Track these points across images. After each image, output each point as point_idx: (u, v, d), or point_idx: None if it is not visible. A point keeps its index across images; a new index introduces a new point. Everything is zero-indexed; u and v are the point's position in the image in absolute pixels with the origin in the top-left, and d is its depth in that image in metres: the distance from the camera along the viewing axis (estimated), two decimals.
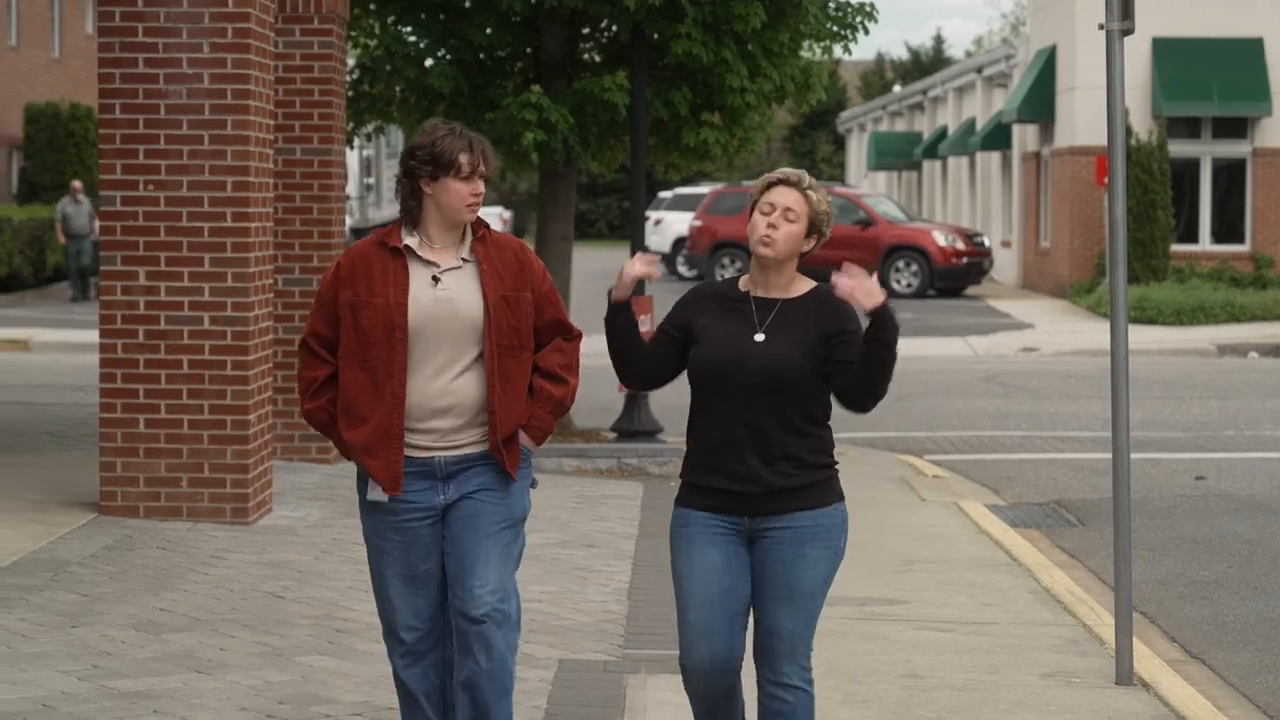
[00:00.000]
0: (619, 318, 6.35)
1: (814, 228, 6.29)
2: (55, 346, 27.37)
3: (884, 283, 40.13)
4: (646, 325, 16.86)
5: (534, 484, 6.76)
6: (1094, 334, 29.21)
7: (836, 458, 6.42)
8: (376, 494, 6.43)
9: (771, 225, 6.21)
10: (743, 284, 6.41)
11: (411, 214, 6.45)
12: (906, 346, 29.51)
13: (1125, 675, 8.83)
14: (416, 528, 6.51)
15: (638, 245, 17.37)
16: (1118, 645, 8.94)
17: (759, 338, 6.20)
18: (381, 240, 6.48)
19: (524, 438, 6.56)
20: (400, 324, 6.33)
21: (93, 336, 13.77)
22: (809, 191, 6.25)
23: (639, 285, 6.91)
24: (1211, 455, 17.18)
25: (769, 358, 6.16)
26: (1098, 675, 8.97)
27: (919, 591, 10.93)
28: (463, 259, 6.47)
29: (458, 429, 6.47)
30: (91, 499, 12.74)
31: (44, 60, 48.01)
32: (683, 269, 45.94)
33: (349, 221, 16.92)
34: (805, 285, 6.37)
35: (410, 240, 6.45)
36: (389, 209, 44.96)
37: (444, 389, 6.44)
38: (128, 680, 8.54)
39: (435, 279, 6.40)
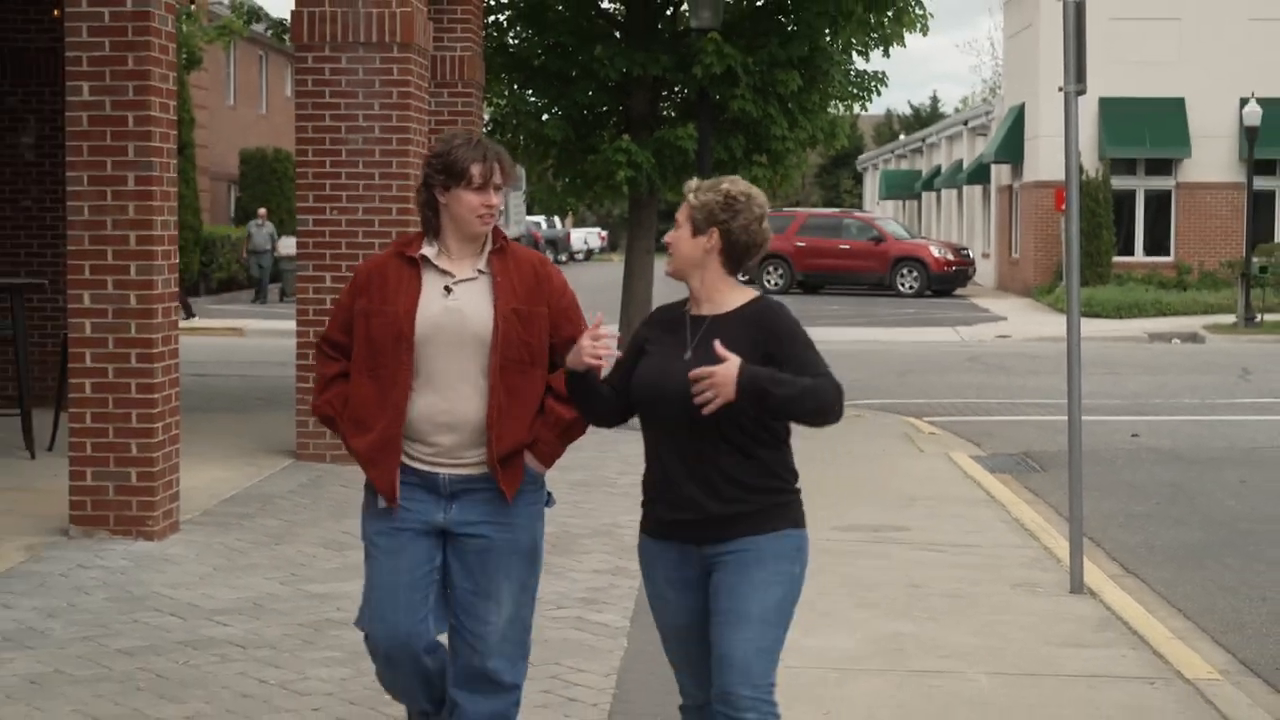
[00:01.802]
0: (577, 383, 4.95)
1: (703, 223, 4.80)
2: (263, 333, 27.49)
3: (892, 286, 40.62)
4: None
5: (550, 503, 5.39)
6: (1053, 325, 29.02)
7: (792, 480, 4.95)
8: (382, 502, 5.18)
9: (668, 242, 4.94)
10: (690, 303, 4.98)
11: (429, 224, 5.21)
12: (909, 334, 29.51)
13: (1077, 586, 8.84)
14: (408, 539, 5.17)
15: None
16: (1071, 563, 8.96)
17: (687, 356, 4.75)
18: (400, 249, 5.26)
19: (531, 460, 5.19)
20: (407, 333, 5.08)
21: (291, 325, 13.88)
22: (689, 195, 4.87)
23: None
24: (1143, 418, 17.15)
25: (683, 378, 4.67)
26: (1056, 586, 8.98)
27: (917, 521, 10.96)
28: (479, 270, 5.16)
29: (461, 446, 5.12)
30: (290, 448, 12.84)
31: (254, 116, 48.17)
32: (739, 276, 45.65)
33: None
34: (742, 298, 4.92)
35: (428, 250, 5.19)
36: (515, 228, 44.85)
37: (448, 403, 5.12)
38: (317, 585, 8.60)
39: (448, 289, 5.13)
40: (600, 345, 4.83)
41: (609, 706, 6.58)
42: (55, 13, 14.29)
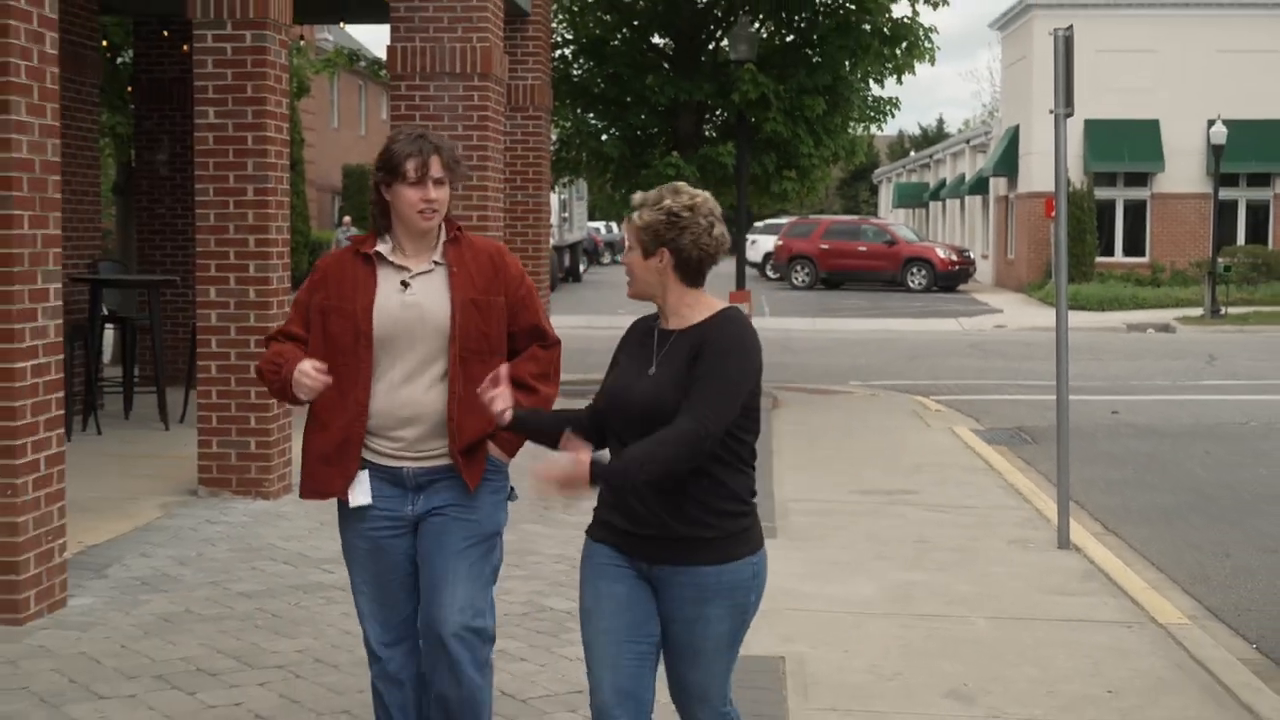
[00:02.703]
0: (522, 430, 4.32)
1: (651, 244, 4.03)
2: None
3: (903, 283, 40.49)
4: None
5: (513, 497, 4.73)
6: (1043, 316, 28.93)
7: (752, 502, 4.14)
8: (356, 499, 4.47)
9: (624, 264, 4.19)
10: (660, 316, 4.21)
11: (379, 221, 4.55)
12: (918, 324, 29.34)
13: (1064, 542, 8.80)
14: (384, 537, 4.55)
15: (741, 258, 17.48)
16: (1059, 522, 8.92)
17: (651, 371, 4.04)
18: (356, 247, 4.58)
19: (494, 450, 4.55)
20: (365, 331, 4.44)
21: None
22: (633, 214, 4.09)
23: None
24: (1122, 397, 17.03)
25: (647, 395, 4.00)
26: (1045, 542, 8.95)
27: (925, 485, 10.94)
28: (434, 262, 4.50)
29: (424, 438, 4.48)
30: None
31: (354, 137, 48.38)
32: (770, 274, 45.63)
33: (552, 240, 17.00)
34: (707, 311, 4.09)
35: (382, 247, 4.53)
36: (578, 232, 44.89)
37: (410, 397, 4.47)
38: None
39: (404, 284, 4.48)
40: (494, 399, 4.19)
41: None
42: (185, 48, 14.38)
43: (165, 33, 16.00)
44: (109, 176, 24.08)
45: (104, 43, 16.23)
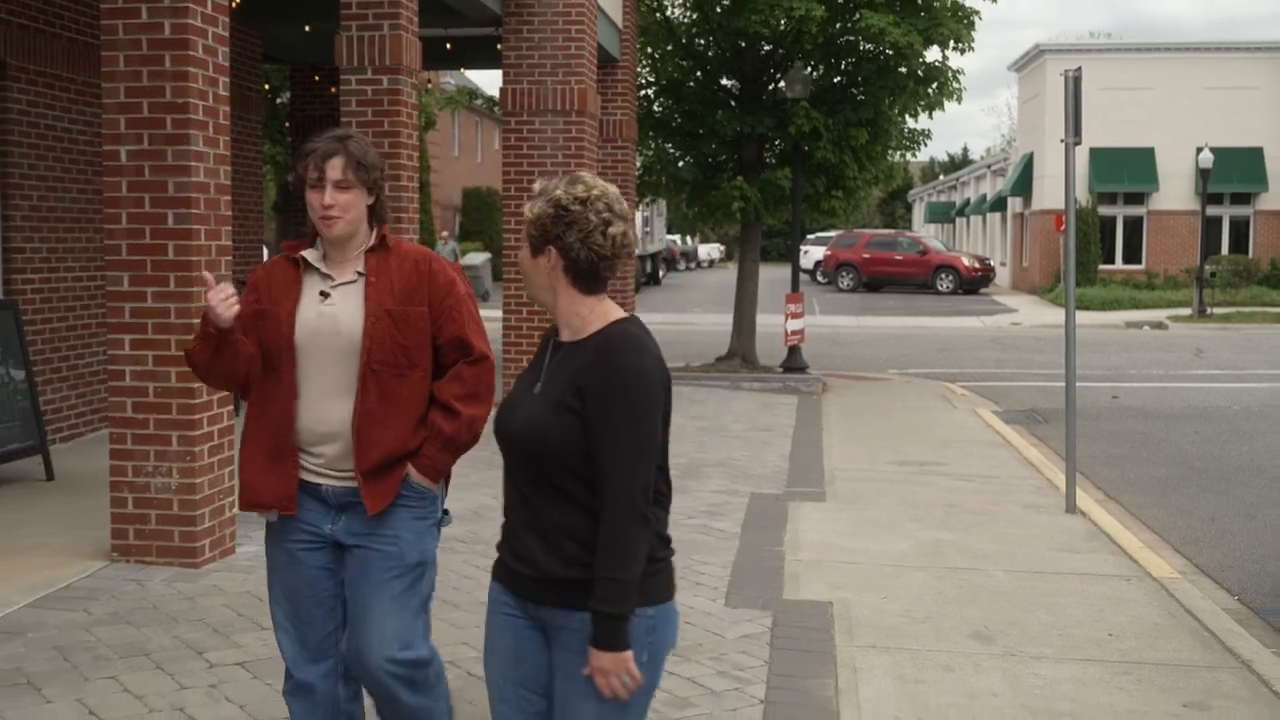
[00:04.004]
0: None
1: (539, 240, 2.89)
2: (486, 319, 27.69)
3: (933, 286, 40.17)
4: (798, 325, 16.88)
5: (445, 521, 3.83)
6: (1053, 315, 28.59)
7: (656, 547, 2.88)
8: (270, 514, 3.67)
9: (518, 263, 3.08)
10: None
11: (311, 227, 3.67)
12: (946, 321, 29.07)
13: (1071, 507, 8.68)
14: (301, 549, 3.67)
15: (796, 265, 17.44)
16: (1067, 491, 8.80)
17: (536, 390, 2.90)
18: (288, 253, 3.73)
19: (415, 473, 3.62)
20: (289, 337, 3.60)
21: (491, 314, 13.99)
22: (527, 204, 2.94)
23: None
24: (1121, 384, 16.79)
25: (526, 422, 2.85)
26: (1055, 507, 8.84)
27: (953, 457, 10.85)
28: (358, 272, 3.64)
29: (342, 456, 3.61)
30: (503, 401, 12.99)
31: (472, 164, 48.63)
32: (819, 279, 45.34)
33: (636, 250, 17.01)
34: (600, 323, 2.90)
35: (311, 253, 3.68)
36: (658, 244, 44.86)
37: (327, 412, 3.60)
38: None
39: (323, 294, 3.63)
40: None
41: (725, 588, 6.59)
42: (332, 90, 14.51)
43: (316, 77, 16.17)
44: (269, 197, 24.38)
45: (266, 86, 16.43)
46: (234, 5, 7.07)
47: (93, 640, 5.47)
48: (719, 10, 17.12)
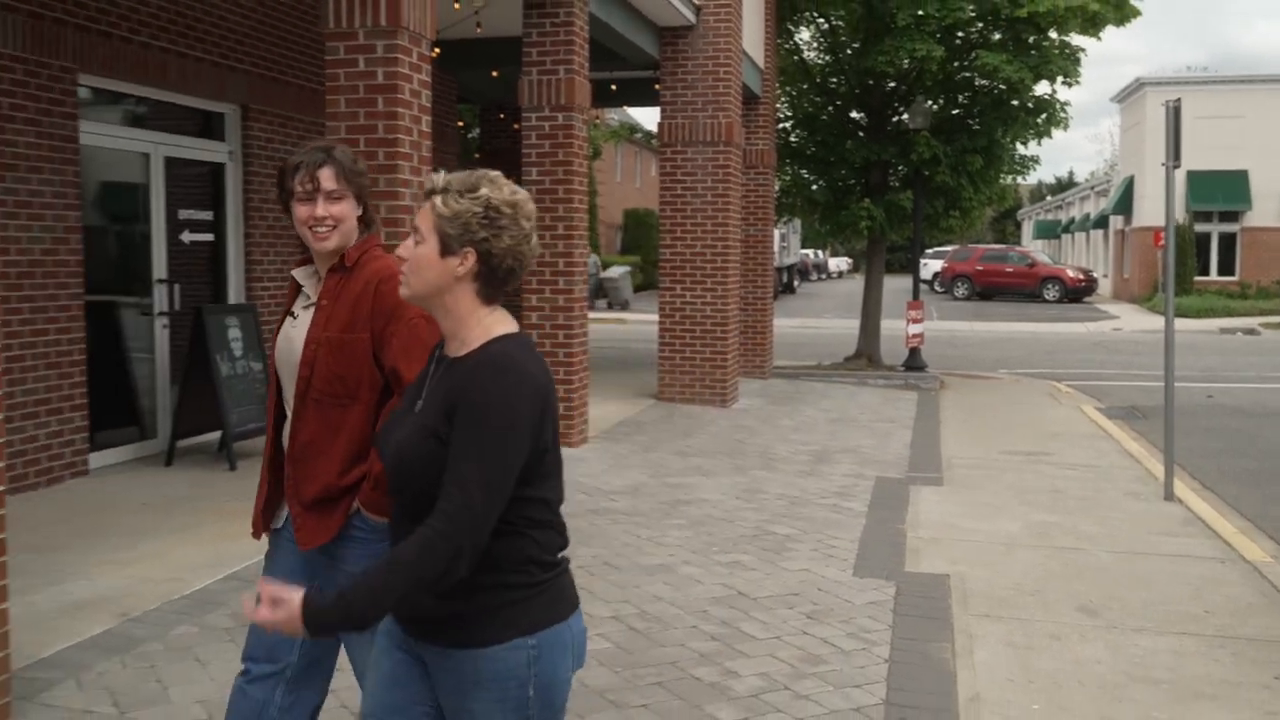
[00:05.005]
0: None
1: (456, 239, 2.19)
2: (635, 323, 27.95)
3: (1040, 296, 39.02)
4: (918, 329, 16.56)
5: None
6: (1151, 322, 27.56)
7: (535, 573, 2.25)
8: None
9: (400, 257, 2.28)
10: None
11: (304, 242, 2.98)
12: (1052, 327, 28.28)
13: (1169, 495, 8.35)
14: (283, 555, 2.96)
15: (916, 276, 17.15)
16: (1165, 480, 8.47)
17: (417, 409, 2.26)
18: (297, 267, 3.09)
19: (363, 508, 2.82)
20: (271, 361, 3.03)
21: (641, 317, 14.03)
22: (436, 199, 2.23)
23: None
24: (1216, 384, 16.08)
25: (400, 445, 2.22)
26: (1154, 495, 8.51)
27: (1059, 449, 10.52)
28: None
29: None
30: (654, 393, 13.03)
31: (632, 188, 48.89)
32: (937, 288, 44.41)
33: (774, 262, 16.94)
34: (485, 336, 2.23)
35: (302, 270, 3.03)
36: (793, 257, 44.50)
37: (288, 437, 2.93)
38: (672, 478, 8.61)
39: (291, 315, 3.01)
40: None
41: (854, 560, 6.49)
42: (516, 126, 14.74)
43: (502, 115, 16.43)
44: None
45: (460, 123, 16.76)
46: (435, 55, 7.22)
47: None
48: (849, 52, 16.97)
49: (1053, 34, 15.86)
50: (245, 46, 9.70)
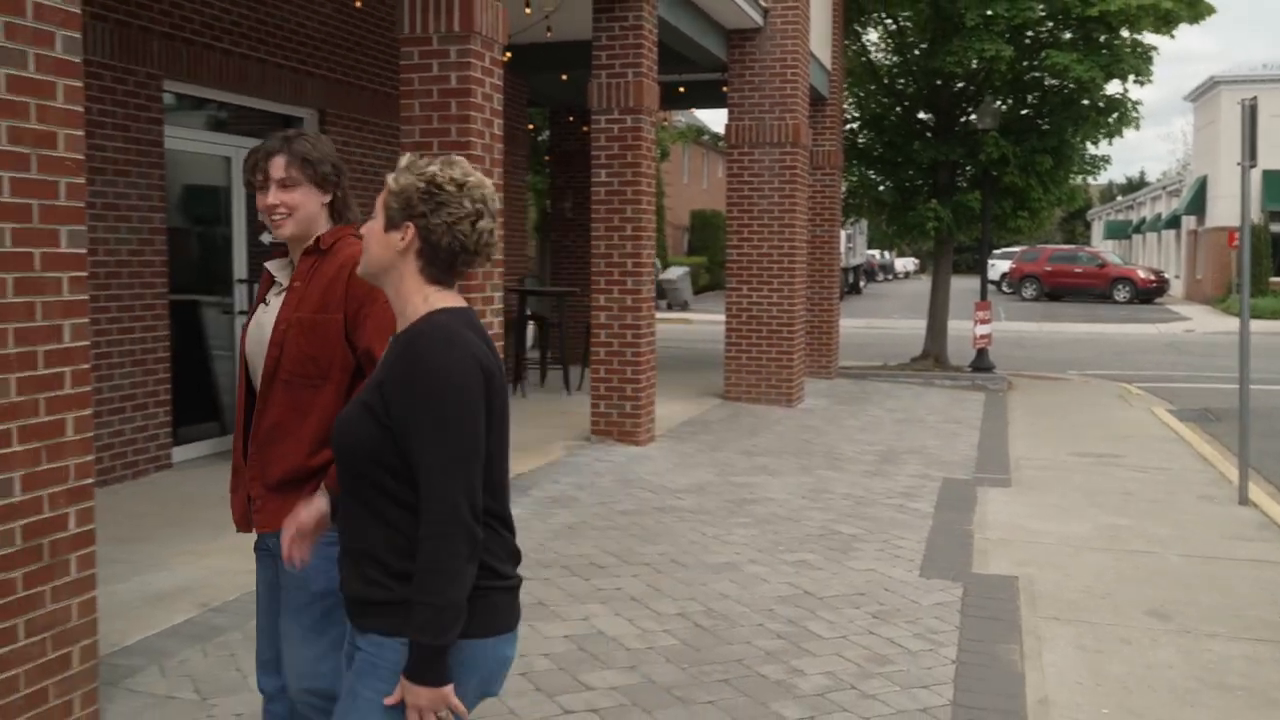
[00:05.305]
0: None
1: (398, 213, 2.24)
2: (700, 323, 27.79)
3: (1110, 297, 38.31)
4: (986, 330, 16.32)
5: None
6: (1224, 323, 26.91)
7: (496, 576, 2.24)
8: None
9: (362, 233, 2.39)
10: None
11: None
12: (1122, 328, 27.71)
13: (1243, 499, 8.15)
14: (259, 562, 3.02)
15: (984, 277, 16.92)
16: (1239, 484, 8.26)
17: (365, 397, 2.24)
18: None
19: (329, 491, 2.70)
20: (241, 351, 2.98)
21: (705, 318, 13.99)
22: (389, 178, 2.29)
23: None
24: None
25: (340, 424, 2.25)
26: (1228, 499, 8.31)
27: (1129, 451, 10.31)
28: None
29: None
30: (719, 392, 13.00)
31: (699, 189, 48.74)
32: (1005, 289, 43.76)
33: (840, 263, 16.82)
34: (427, 310, 2.23)
35: (274, 261, 3.02)
36: (860, 258, 44.11)
37: (258, 425, 2.89)
38: (738, 477, 8.58)
39: (264, 302, 2.98)
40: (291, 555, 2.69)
41: (920, 561, 6.42)
42: (585, 128, 14.79)
43: (571, 117, 16.49)
44: (532, 219, 25.03)
45: (530, 125, 16.86)
46: (506, 59, 7.26)
47: None
48: (917, 53, 16.79)
49: (1124, 32, 15.55)
50: (322, 52, 9.85)
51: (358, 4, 10.15)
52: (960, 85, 16.78)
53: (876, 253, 55.26)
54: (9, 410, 3.57)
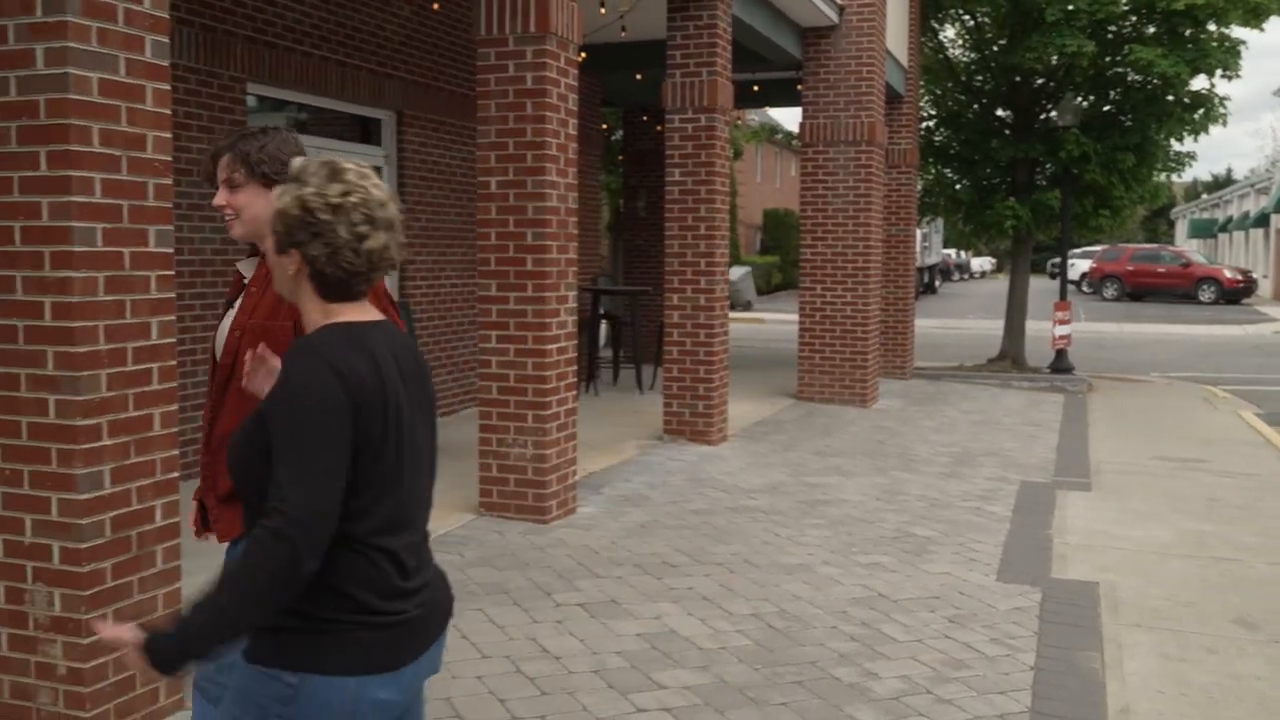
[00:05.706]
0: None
1: (283, 238, 2.03)
2: (774, 322, 27.70)
3: (1194, 297, 37.39)
4: (1065, 330, 16.02)
5: None
6: None
7: (327, 609, 1.93)
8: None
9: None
10: None
11: None
12: (1207, 329, 27.09)
13: None
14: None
15: (1064, 277, 16.61)
16: None
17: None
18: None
19: None
20: (212, 354, 2.86)
21: (778, 317, 13.90)
22: (275, 189, 2.14)
23: None
24: None
25: (230, 448, 2.05)
26: None
27: (1214, 455, 10.04)
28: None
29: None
30: (793, 392, 12.91)
31: (773, 188, 48.56)
32: (1084, 289, 42.91)
33: (916, 262, 16.63)
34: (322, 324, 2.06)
35: (245, 262, 2.90)
36: (935, 257, 43.57)
37: (210, 431, 2.80)
38: (811, 477, 8.54)
39: (229, 305, 2.88)
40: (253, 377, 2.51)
41: (997, 565, 6.31)
42: (658, 128, 14.79)
43: (645, 117, 16.50)
44: (606, 218, 25.10)
45: (604, 125, 16.90)
46: (581, 59, 7.29)
47: (465, 579, 5.77)
48: (996, 49, 16.54)
49: (1211, 26, 15.16)
50: (401, 55, 9.97)
51: (435, 6, 10.25)
52: (1040, 82, 16.49)
53: (952, 252, 54.56)
54: (100, 405, 3.67)
